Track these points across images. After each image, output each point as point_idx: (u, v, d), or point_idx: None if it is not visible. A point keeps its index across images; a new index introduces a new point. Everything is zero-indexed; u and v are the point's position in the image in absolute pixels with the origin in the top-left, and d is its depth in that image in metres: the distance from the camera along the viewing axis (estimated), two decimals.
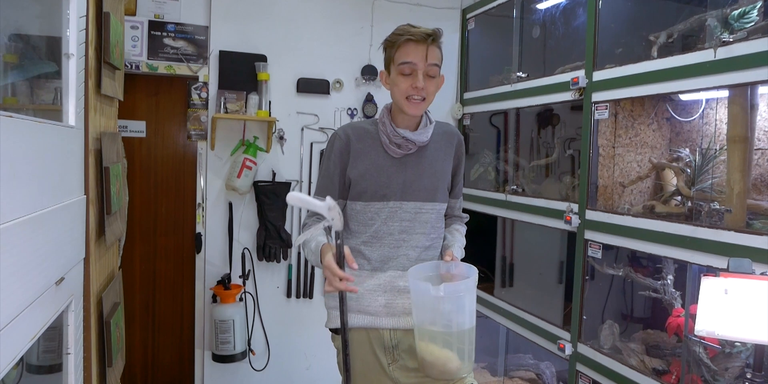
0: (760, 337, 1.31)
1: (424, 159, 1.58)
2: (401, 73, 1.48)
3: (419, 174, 1.57)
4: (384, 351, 1.56)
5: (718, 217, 1.85)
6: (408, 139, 1.53)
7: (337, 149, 1.58)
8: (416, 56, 1.46)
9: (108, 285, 1.73)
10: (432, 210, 1.59)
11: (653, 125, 2.36)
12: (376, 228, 1.55)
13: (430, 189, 1.58)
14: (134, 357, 2.93)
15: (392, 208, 1.55)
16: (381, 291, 1.55)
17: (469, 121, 3.23)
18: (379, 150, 1.57)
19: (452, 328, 1.37)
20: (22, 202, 0.96)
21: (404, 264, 1.55)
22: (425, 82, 1.47)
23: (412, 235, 1.56)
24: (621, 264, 2.27)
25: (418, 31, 1.47)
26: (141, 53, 2.78)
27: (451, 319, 1.37)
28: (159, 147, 2.99)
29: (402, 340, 1.56)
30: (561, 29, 2.68)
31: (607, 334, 2.22)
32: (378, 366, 1.56)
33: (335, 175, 1.58)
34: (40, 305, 1.05)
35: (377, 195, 1.55)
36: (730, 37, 1.65)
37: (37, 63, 1.34)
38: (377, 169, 1.55)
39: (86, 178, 1.43)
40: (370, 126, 1.61)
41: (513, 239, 3.11)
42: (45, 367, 1.36)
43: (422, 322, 1.40)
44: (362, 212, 1.57)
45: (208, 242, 2.90)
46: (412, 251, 1.56)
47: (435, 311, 1.37)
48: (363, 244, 1.57)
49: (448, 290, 1.34)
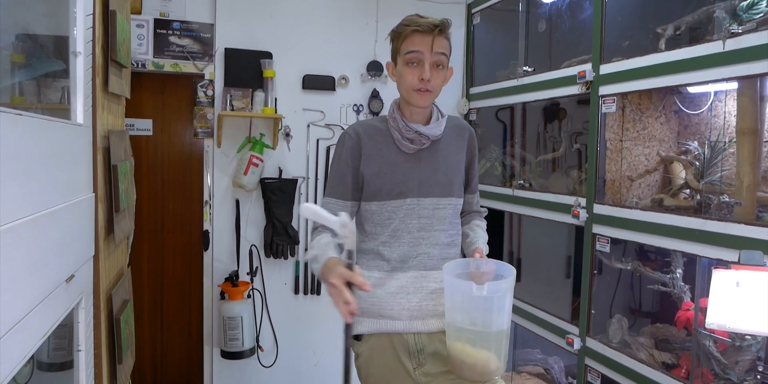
0: None
1: (438, 153, 1.54)
2: (407, 63, 1.46)
3: (434, 169, 1.53)
4: (409, 356, 1.49)
5: (728, 210, 1.84)
6: (421, 134, 1.49)
7: (348, 148, 1.53)
8: (423, 46, 1.43)
9: (117, 282, 1.73)
10: (449, 205, 1.54)
11: (661, 118, 2.35)
12: (395, 227, 1.50)
13: (445, 184, 1.54)
14: (143, 354, 2.95)
15: (410, 206, 1.50)
16: (404, 293, 1.49)
17: (476, 116, 3.22)
18: (391, 147, 1.53)
19: (491, 328, 1.31)
20: (32, 200, 0.97)
21: (425, 263, 1.51)
22: (432, 73, 1.44)
23: (431, 232, 1.52)
24: (629, 258, 2.26)
25: (425, 21, 1.45)
26: (147, 51, 2.78)
27: (492, 318, 1.31)
28: (166, 145, 3.00)
29: (427, 344, 1.50)
30: (567, 23, 2.66)
31: (616, 329, 2.21)
32: (403, 372, 1.49)
33: (347, 175, 1.53)
34: (50, 303, 1.06)
35: (393, 193, 1.50)
36: (739, 28, 1.64)
37: (44, 62, 1.35)
38: (391, 166, 1.51)
39: (95, 176, 1.44)
40: (379, 123, 1.57)
41: (520, 234, 3.11)
42: (56, 365, 1.37)
43: (460, 322, 1.34)
44: (378, 212, 1.52)
45: (216, 239, 2.91)
46: (433, 249, 1.52)
47: (476, 311, 1.31)
48: (381, 245, 1.52)
49: (492, 289, 1.28)
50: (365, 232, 1.55)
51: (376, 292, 1.49)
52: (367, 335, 1.52)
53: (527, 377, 2.90)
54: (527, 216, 2.71)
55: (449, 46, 1.50)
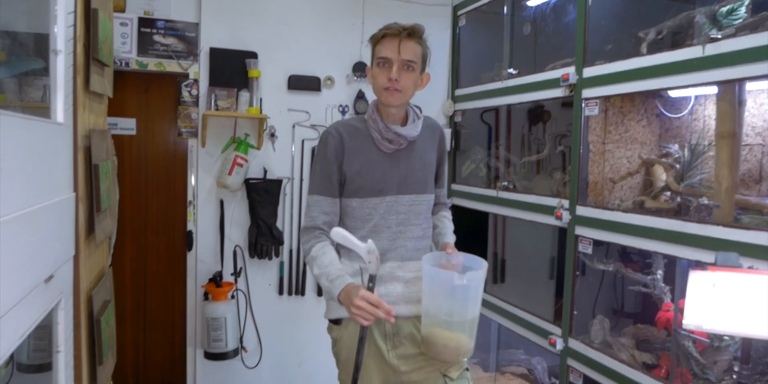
0: (747, 330, 1.32)
1: (414, 153, 1.64)
2: (378, 64, 1.56)
3: (412, 168, 1.63)
4: (384, 338, 1.60)
5: (707, 212, 1.87)
6: (399, 135, 1.58)
7: (332, 147, 1.60)
8: (391, 48, 1.52)
9: (98, 282, 1.71)
10: (424, 201, 1.66)
11: (643, 121, 2.38)
12: (375, 222, 1.60)
13: (422, 182, 1.65)
14: (126, 355, 2.92)
15: (389, 203, 1.60)
16: (381, 282, 1.59)
17: (461, 118, 3.24)
18: (371, 146, 1.61)
19: (467, 316, 1.44)
20: (11, 200, 0.96)
21: (402, 254, 1.62)
22: (401, 74, 1.52)
23: (408, 226, 1.62)
24: (611, 259, 2.29)
25: (396, 25, 1.54)
26: (131, 50, 2.76)
27: (468, 306, 1.43)
28: (149, 144, 2.97)
29: (402, 327, 1.60)
30: (551, 26, 2.69)
31: (598, 329, 2.24)
32: (378, 353, 1.59)
33: (333, 173, 1.61)
34: (29, 303, 1.04)
35: (374, 191, 1.59)
36: (719, 33, 1.67)
37: (24, 60, 1.33)
38: (372, 165, 1.59)
39: (75, 176, 1.42)
40: (359, 123, 1.64)
41: (504, 235, 3.13)
42: (35, 366, 1.35)
43: (437, 308, 1.45)
44: (359, 208, 1.61)
45: (200, 240, 2.89)
46: (409, 242, 1.63)
47: (454, 299, 1.42)
48: (361, 239, 1.57)
49: (471, 278, 1.39)
50: (346, 227, 1.62)
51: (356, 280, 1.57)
52: (346, 320, 1.61)
53: (510, 378, 2.92)
54: (511, 217, 2.73)
55: (422, 50, 1.57)
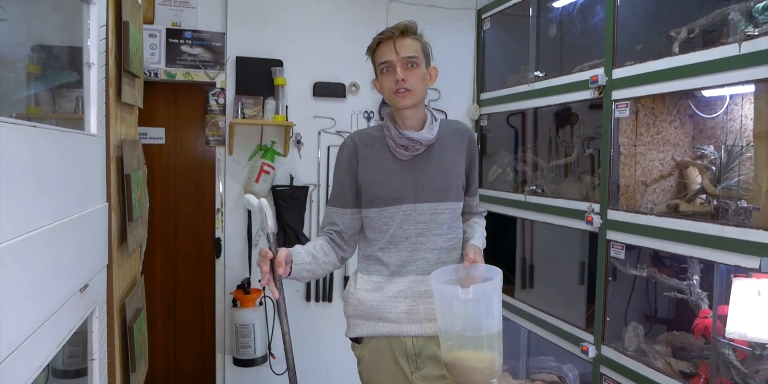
0: None
1: (434, 158, 1.56)
2: (382, 71, 1.53)
3: (430, 174, 1.55)
4: (407, 359, 1.53)
5: (746, 216, 1.81)
6: (413, 140, 1.51)
7: (345, 158, 1.58)
8: (389, 53, 1.50)
9: (131, 291, 1.74)
10: (447, 210, 1.55)
11: (675, 122, 2.32)
12: (392, 233, 1.53)
13: (443, 188, 1.55)
14: (156, 361, 2.95)
15: (406, 212, 1.53)
16: (402, 297, 1.52)
17: (486, 122, 3.21)
18: (387, 154, 1.56)
19: (482, 332, 1.31)
20: (47, 211, 0.97)
21: (424, 268, 1.52)
22: (406, 73, 1.48)
23: (428, 237, 1.53)
24: (644, 264, 2.23)
25: (387, 29, 1.53)
26: (159, 61, 2.81)
27: (481, 322, 1.31)
28: (178, 153, 3.01)
29: (425, 348, 1.52)
30: (578, 27, 2.65)
31: (632, 336, 2.18)
32: (401, 375, 1.53)
33: (345, 183, 1.58)
34: (65, 312, 1.06)
35: (390, 199, 1.53)
36: (755, 30, 1.62)
37: (59, 73, 1.36)
38: (387, 173, 1.54)
39: (108, 186, 1.45)
40: (376, 132, 1.60)
41: (533, 240, 3.08)
42: (70, 372, 1.37)
43: (450, 327, 1.34)
44: (376, 218, 1.55)
45: (228, 247, 2.92)
46: (431, 254, 1.53)
47: (464, 315, 1.31)
48: (380, 251, 1.56)
49: (477, 292, 1.29)
50: (366, 238, 1.60)
51: (375, 296, 1.54)
52: (366, 338, 1.57)
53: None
54: (540, 222, 2.69)
55: (420, 45, 1.55)
